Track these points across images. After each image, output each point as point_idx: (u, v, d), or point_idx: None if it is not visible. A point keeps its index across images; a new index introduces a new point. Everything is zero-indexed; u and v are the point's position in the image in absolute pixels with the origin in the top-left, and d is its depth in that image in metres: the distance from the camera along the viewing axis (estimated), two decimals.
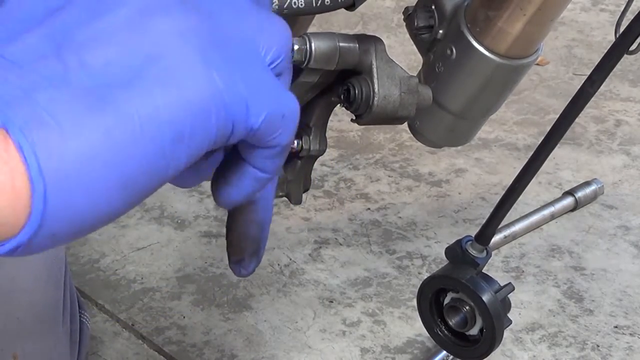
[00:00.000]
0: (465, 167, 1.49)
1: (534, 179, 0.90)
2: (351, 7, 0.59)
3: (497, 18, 0.95)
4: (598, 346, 1.14)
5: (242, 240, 0.55)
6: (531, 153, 0.88)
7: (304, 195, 0.84)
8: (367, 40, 0.75)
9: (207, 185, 1.56)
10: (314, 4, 0.57)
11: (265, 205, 0.55)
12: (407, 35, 1.04)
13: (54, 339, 0.91)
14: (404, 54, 1.76)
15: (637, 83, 1.74)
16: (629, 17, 0.82)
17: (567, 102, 0.84)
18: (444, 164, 1.50)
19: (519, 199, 0.91)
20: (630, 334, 1.16)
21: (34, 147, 0.39)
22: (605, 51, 0.81)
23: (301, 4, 0.56)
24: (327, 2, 0.58)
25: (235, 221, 0.55)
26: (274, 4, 0.56)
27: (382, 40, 0.75)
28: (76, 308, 0.99)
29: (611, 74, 0.81)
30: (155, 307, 1.20)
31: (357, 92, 0.75)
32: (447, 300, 0.95)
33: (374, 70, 0.74)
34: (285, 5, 0.56)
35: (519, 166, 0.90)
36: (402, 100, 0.75)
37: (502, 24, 0.95)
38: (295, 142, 0.81)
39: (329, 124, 0.85)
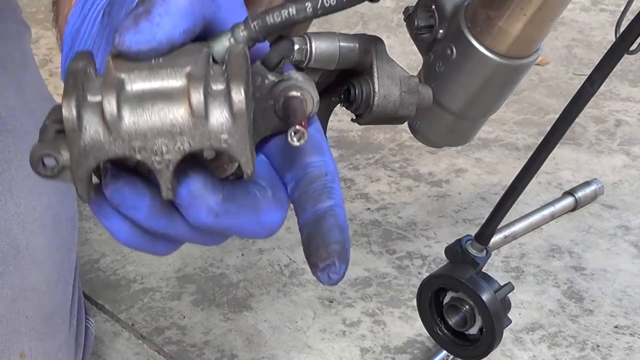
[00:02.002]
0: (465, 167, 1.49)
1: (534, 179, 0.90)
2: None
3: (498, 18, 0.95)
4: (598, 346, 1.14)
5: (329, 245, 0.55)
6: (531, 153, 0.88)
7: None
8: (367, 40, 0.75)
9: None
10: None
11: (342, 209, 0.56)
12: (407, 35, 1.04)
13: (60, 340, 0.91)
14: (404, 54, 1.76)
15: (637, 83, 1.74)
16: (629, 17, 0.82)
17: (567, 102, 0.84)
18: (444, 164, 1.50)
19: (519, 199, 0.91)
20: (630, 334, 1.16)
21: None
22: (605, 51, 0.81)
23: (332, 2, 0.56)
24: None
25: (317, 230, 0.55)
26: (308, 8, 0.56)
27: (382, 40, 0.75)
28: (83, 312, 0.99)
29: (611, 74, 0.82)
30: (155, 307, 1.20)
31: (357, 91, 0.75)
32: (446, 300, 0.95)
33: (375, 70, 0.74)
34: (318, 6, 0.56)
35: (519, 166, 0.90)
36: (402, 100, 0.75)
37: (502, 24, 0.95)
38: None
39: (329, 124, 0.85)
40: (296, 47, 0.73)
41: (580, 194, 1.38)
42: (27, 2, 2.02)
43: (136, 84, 0.50)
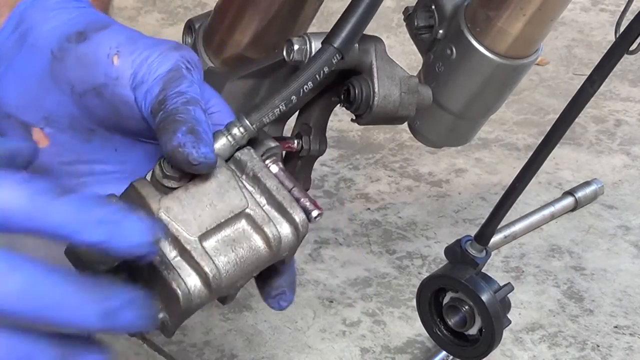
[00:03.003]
0: (465, 167, 1.49)
1: (534, 179, 0.90)
2: (341, 59, 0.68)
3: (497, 18, 0.95)
4: (598, 346, 1.14)
5: (281, 278, 0.65)
6: (531, 153, 0.88)
7: None
8: (367, 40, 0.75)
9: None
10: (318, 77, 0.65)
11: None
12: (407, 35, 1.04)
13: None
14: (404, 54, 1.76)
15: (637, 83, 1.74)
16: (629, 17, 0.82)
17: (567, 102, 0.84)
18: (444, 164, 1.50)
19: (519, 199, 0.91)
20: (630, 334, 1.16)
21: None
22: (605, 51, 0.81)
23: (310, 85, 0.64)
24: (326, 70, 0.66)
25: (269, 268, 0.63)
26: (293, 99, 0.62)
27: (382, 40, 0.75)
28: None
29: (611, 74, 0.81)
30: None
31: (357, 92, 0.75)
32: (446, 300, 0.95)
33: (374, 70, 0.74)
34: (301, 94, 0.63)
35: (519, 166, 0.90)
36: (402, 100, 0.75)
37: (502, 24, 0.95)
38: (295, 142, 0.82)
39: (329, 124, 0.85)
40: (296, 47, 0.73)
41: (580, 194, 1.38)
42: None
43: (212, 238, 0.58)
